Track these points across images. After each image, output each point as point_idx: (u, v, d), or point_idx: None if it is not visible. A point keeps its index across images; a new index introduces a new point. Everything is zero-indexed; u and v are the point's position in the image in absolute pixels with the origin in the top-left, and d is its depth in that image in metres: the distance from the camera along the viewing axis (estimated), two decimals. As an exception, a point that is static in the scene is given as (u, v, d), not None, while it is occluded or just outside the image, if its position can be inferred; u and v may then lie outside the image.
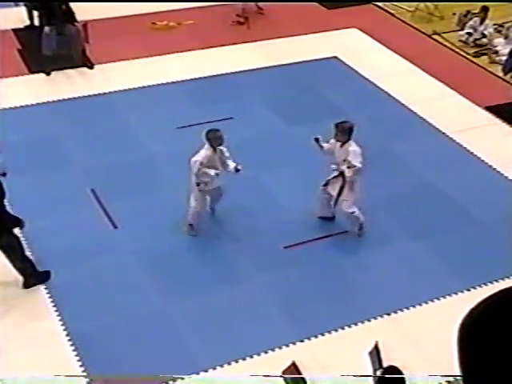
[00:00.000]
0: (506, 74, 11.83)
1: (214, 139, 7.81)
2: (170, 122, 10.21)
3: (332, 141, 8.09)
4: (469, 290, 7.58)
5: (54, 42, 11.22)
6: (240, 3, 13.67)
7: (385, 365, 5.84)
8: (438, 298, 7.51)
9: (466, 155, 9.98)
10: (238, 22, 13.41)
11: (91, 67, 11.62)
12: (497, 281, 7.67)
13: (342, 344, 6.89)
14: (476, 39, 13.19)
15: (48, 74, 11.40)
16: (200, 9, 13.81)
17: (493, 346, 1.16)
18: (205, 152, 7.83)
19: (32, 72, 11.46)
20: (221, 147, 7.97)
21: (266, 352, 6.74)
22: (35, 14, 12.44)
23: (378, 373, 5.76)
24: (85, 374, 6.45)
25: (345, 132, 7.89)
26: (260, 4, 13.92)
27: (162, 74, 11.53)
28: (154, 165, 9.47)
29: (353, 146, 7.89)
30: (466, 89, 11.52)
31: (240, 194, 9.06)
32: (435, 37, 13.58)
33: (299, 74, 11.83)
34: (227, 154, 8.09)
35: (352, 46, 12.87)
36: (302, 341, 6.90)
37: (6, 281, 7.44)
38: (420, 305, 7.42)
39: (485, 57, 12.85)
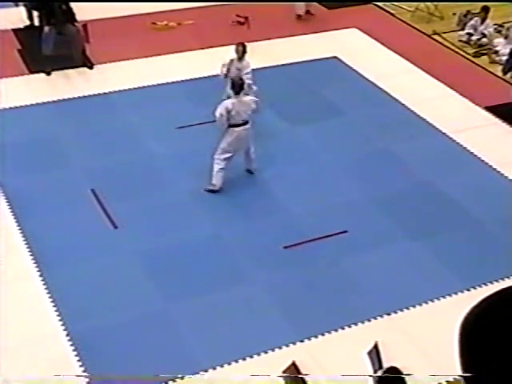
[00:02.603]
0: (505, 73, 11.83)
1: (235, 51, 9.80)
2: (170, 122, 10.21)
3: None
4: (469, 290, 7.58)
5: (53, 41, 11.21)
6: (302, 3, 13.76)
7: (385, 365, 5.83)
8: (437, 298, 7.51)
9: (466, 155, 9.98)
10: (238, 22, 13.41)
11: (91, 67, 11.62)
12: (497, 281, 7.66)
13: (342, 344, 6.89)
14: (476, 39, 13.20)
15: (48, 73, 11.39)
16: (200, 9, 13.81)
17: (494, 344, 1.16)
18: (232, 57, 9.81)
19: (32, 72, 11.45)
20: (245, 61, 9.72)
21: (265, 352, 6.74)
22: (35, 14, 12.43)
23: (379, 373, 5.76)
24: (85, 374, 6.45)
25: (232, 85, 8.77)
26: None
27: (162, 74, 11.53)
28: (154, 165, 9.46)
29: (228, 100, 8.73)
30: (465, 89, 11.52)
31: (240, 193, 9.06)
32: (435, 37, 13.58)
33: (299, 74, 11.83)
34: (246, 72, 9.61)
35: (352, 46, 12.87)
36: (302, 341, 6.90)
37: (6, 281, 7.45)
38: (420, 305, 7.42)
39: (485, 57, 12.85)
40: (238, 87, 8.65)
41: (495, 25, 13.57)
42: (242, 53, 9.76)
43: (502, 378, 1.15)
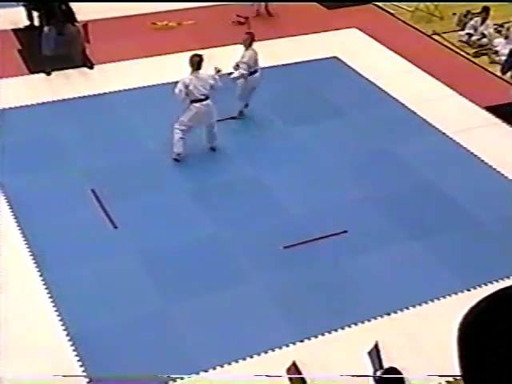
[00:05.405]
0: (504, 73, 11.81)
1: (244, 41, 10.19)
2: (170, 122, 10.19)
3: None
4: (469, 290, 7.58)
5: (53, 41, 11.21)
6: (255, 3, 13.79)
7: (385, 365, 5.84)
8: (438, 298, 7.51)
9: (466, 155, 9.98)
10: (238, 22, 13.40)
11: (91, 67, 11.62)
12: (497, 281, 7.67)
13: (342, 344, 6.89)
14: (476, 39, 13.20)
15: (48, 74, 11.39)
16: (200, 9, 13.81)
17: (492, 344, 1.16)
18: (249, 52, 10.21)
19: (32, 72, 11.45)
20: (248, 51, 10.06)
21: (266, 352, 6.74)
22: (35, 14, 12.42)
23: (378, 373, 5.76)
24: (85, 374, 6.45)
25: (191, 64, 9.25)
26: (270, 8, 13.97)
27: (162, 74, 11.52)
28: (154, 165, 9.47)
29: (186, 76, 9.25)
30: (465, 89, 11.52)
31: (240, 193, 9.07)
32: (435, 37, 13.58)
33: (299, 74, 11.83)
34: (242, 61, 9.99)
35: (352, 46, 12.87)
36: (301, 341, 6.90)
37: (7, 281, 7.45)
38: (420, 305, 7.42)
39: (485, 57, 12.85)
40: (195, 64, 9.20)
41: (495, 25, 13.57)
42: (248, 42, 10.06)
43: (500, 378, 1.15)
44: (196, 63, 9.20)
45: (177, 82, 9.38)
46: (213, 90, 9.37)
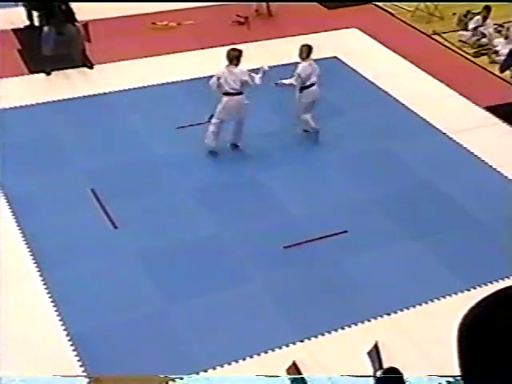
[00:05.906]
0: (502, 71, 11.81)
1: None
2: (170, 121, 10.21)
3: None
4: (469, 290, 7.58)
5: (53, 41, 11.22)
6: (254, 3, 13.80)
7: (385, 365, 5.83)
8: (438, 298, 7.51)
9: (466, 155, 9.98)
10: (238, 22, 13.41)
11: (91, 67, 11.62)
12: (497, 281, 7.67)
13: (342, 344, 6.89)
14: (476, 39, 13.20)
15: (48, 73, 11.40)
16: (200, 9, 13.81)
17: (492, 344, 1.16)
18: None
19: (32, 72, 11.45)
20: (302, 63, 9.94)
21: (265, 352, 6.74)
22: (35, 14, 12.43)
23: (378, 373, 5.75)
24: (85, 374, 6.45)
25: (228, 58, 9.24)
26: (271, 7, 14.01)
27: (162, 73, 11.53)
28: (154, 165, 9.47)
29: (222, 68, 9.30)
30: (465, 89, 11.52)
31: (240, 194, 9.07)
32: (435, 37, 13.58)
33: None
34: (296, 71, 9.86)
35: (352, 46, 12.87)
36: (302, 341, 6.90)
37: (6, 281, 7.45)
38: (420, 305, 7.42)
39: (485, 57, 12.85)
40: (232, 58, 9.20)
41: (495, 25, 13.57)
42: (304, 54, 9.96)
43: (500, 378, 1.15)
44: (234, 57, 9.20)
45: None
46: (247, 86, 9.31)
